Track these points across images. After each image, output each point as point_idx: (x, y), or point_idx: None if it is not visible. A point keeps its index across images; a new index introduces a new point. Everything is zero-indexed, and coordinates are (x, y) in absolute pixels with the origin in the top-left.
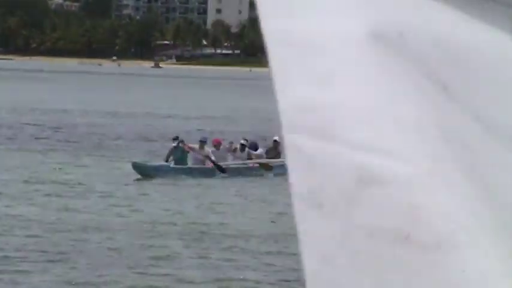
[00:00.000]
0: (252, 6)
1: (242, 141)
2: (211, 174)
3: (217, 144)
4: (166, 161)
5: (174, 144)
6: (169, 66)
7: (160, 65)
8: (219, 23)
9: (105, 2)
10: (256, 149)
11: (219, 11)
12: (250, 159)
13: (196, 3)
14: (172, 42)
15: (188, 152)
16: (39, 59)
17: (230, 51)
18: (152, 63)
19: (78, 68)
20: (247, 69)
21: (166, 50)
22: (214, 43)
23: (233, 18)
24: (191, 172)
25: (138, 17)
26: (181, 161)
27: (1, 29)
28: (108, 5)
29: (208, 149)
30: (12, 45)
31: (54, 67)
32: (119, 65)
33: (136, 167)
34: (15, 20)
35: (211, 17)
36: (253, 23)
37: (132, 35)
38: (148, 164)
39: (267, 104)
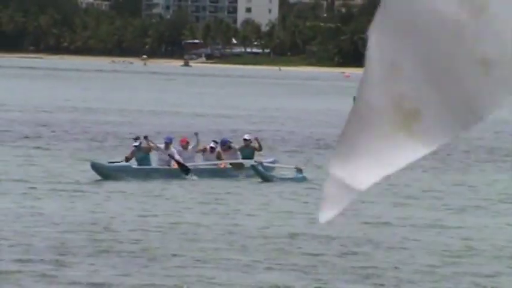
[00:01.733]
0: (282, 5)
1: (212, 144)
2: (177, 175)
3: (185, 145)
4: (127, 161)
5: (136, 144)
6: (199, 65)
7: (190, 64)
8: (249, 22)
9: (135, 1)
10: (229, 148)
11: (249, 9)
12: (221, 159)
13: (227, 2)
14: (202, 41)
15: (150, 151)
16: (69, 58)
17: (260, 50)
18: (182, 62)
19: (109, 67)
20: (276, 68)
21: (196, 49)
22: (244, 42)
23: (263, 17)
24: (155, 173)
25: (168, 16)
26: (144, 162)
27: (32, 27)
28: (138, 4)
29: (174, 149)
30: (43, 44)
31: (85, 66)
32: (145, 64)
33: (95, 167)
34: (45, 18)
35: (241, 15)
36: (283, 22)
37: (162, 33)
38: (108, 164)
39: (294, 103)
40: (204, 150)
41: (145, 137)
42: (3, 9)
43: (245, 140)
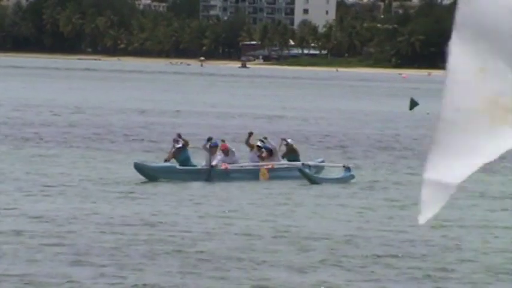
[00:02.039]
0: (339, 6)
1: (258, 143)
2: (220, 176)
3: (224, 150)
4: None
5: (179, 146)
6: (256, 67)
7: (247, 66)
8: (306, 24)
9: (193, 3)
10: (271, 154)
11: (306, 11)
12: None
13: (284, 4)
14: (259, 42)
15: (188, 145)
16: (127, 60)
17: (317, 52)
18: (239, 64)
19: (167, 69)
20: (333, 69)
21: (253, 50)
22: (301, 43)
23: (320, 19)
24: (198, 174)
25: (225, 18)
26: (186, 163)
27: (89, 29)
28: (196, 6)
29: (218, 154)
30: (101, 46)
31: (142, 67)
32: (202, 65)
33: (138, 168)
34: (103, 20)
35: (298, 17)
36: (340, 23)
37: (220, 35)
38: (152, 165)
39: (351, 104)
40: (252, 148)
41: (209, 139)
42: (61, 11)
43: (287, 145)
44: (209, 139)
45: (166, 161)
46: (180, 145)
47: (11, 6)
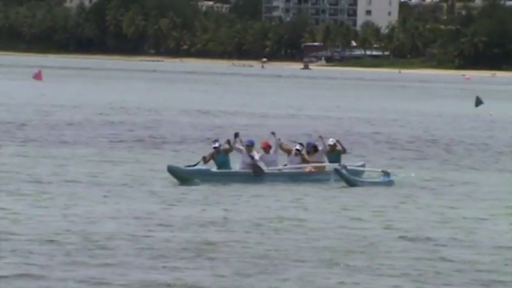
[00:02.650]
0: (402, 7)
1: (297, 147)
2: (256, 179)
3: (266, 148)
4: (205, 163)
5: (216, 146)
6: (318, 68)
7: (310, 67)
8: (368, 25)
9: (255, 4)
10: (316, 151)
11: (368, 12)
12: (305, 163)
13: (346, 5)
14: (322, 43)
15: (230, 151)
16: (189, 61)
17: (379, 53)
18: (302, 65)
19: (229, 70)
20: (396, 70)
21: (315, 52)
22: (364, 44)
23: (383, 20)
24: (235, 176)
25: (288, 19)
26: (224, 166)
27: (152, 30)
28: (258, 7)
29: (256, 152)
30: (163, 47)
31: (205, 68)
32: (263, 67)
33: (172, 171)
34: (166, 21)
35: (360, 18)
36: (402, 25)
37: (282, 36)
38: (185, 168)
39: (415, 105)
40: (289, 152)
41: (236, 134)
42: (124, 13)
43: (330, 145)
44: (236, 135)
45: (206, 162)
46: (217, 145)
47: (75, 7)
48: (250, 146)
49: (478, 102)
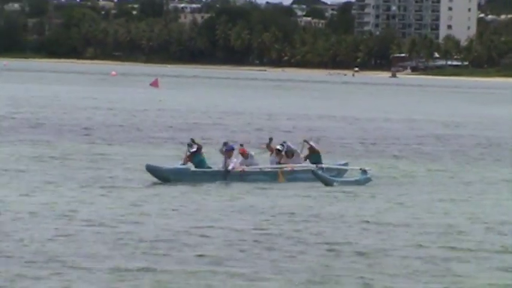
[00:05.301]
0: (480, 22)
1: (278, 147)
2: (235, 178)
3: (243, 153)
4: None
5: (193, 150)
6: (405, 77)
7: (397, 76)
8: (449, 38)
9: (348, 20)
10: (292, 155)
11: (449, 27)
12: (281, 163)
13: (430, 20)
14: (407, 54)
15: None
16: (290, 70)
17: (459, 63)
18: (390, 74)
19: (326, 78)
20: (474, 79)
21: (402, 62)
22: (445, 55)
23: (462, 34)
24: (212, 175)
25: (377, 33)
26: (201, 166)
27: (257, 43)
28: (351, 22)
29: (235, 157)
30: (266, 58)
31: (305, 77)
32: (353, 75)
33: (150, 169)
34: (268, 35)
35: (442, 32)
36: (480, 38)
37: (372, 48)
38: (164, 167)
39: (495, 111)
40: (272, 151)
41: (225, 143)
42: (232, 28)
43: (309, 148)
44: (225, 143)
45: (182, 164)
46: (194, 149)
47: (188, 23)
48: (230, 151)
49: None
